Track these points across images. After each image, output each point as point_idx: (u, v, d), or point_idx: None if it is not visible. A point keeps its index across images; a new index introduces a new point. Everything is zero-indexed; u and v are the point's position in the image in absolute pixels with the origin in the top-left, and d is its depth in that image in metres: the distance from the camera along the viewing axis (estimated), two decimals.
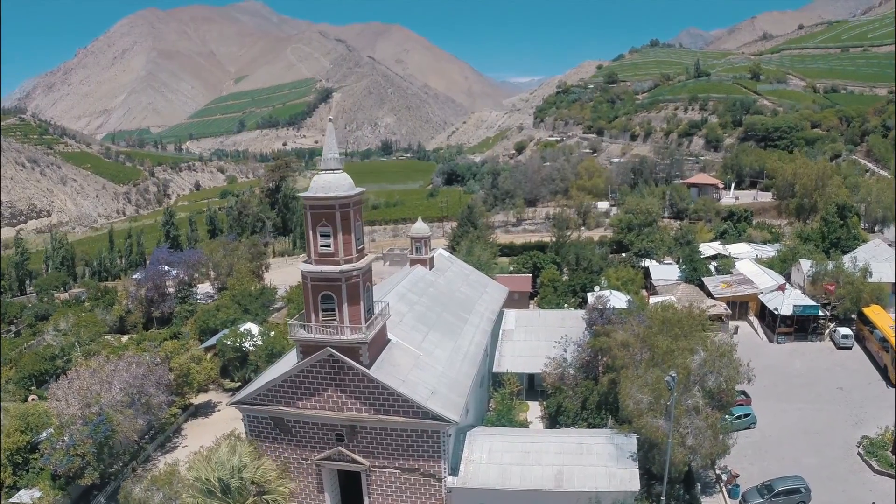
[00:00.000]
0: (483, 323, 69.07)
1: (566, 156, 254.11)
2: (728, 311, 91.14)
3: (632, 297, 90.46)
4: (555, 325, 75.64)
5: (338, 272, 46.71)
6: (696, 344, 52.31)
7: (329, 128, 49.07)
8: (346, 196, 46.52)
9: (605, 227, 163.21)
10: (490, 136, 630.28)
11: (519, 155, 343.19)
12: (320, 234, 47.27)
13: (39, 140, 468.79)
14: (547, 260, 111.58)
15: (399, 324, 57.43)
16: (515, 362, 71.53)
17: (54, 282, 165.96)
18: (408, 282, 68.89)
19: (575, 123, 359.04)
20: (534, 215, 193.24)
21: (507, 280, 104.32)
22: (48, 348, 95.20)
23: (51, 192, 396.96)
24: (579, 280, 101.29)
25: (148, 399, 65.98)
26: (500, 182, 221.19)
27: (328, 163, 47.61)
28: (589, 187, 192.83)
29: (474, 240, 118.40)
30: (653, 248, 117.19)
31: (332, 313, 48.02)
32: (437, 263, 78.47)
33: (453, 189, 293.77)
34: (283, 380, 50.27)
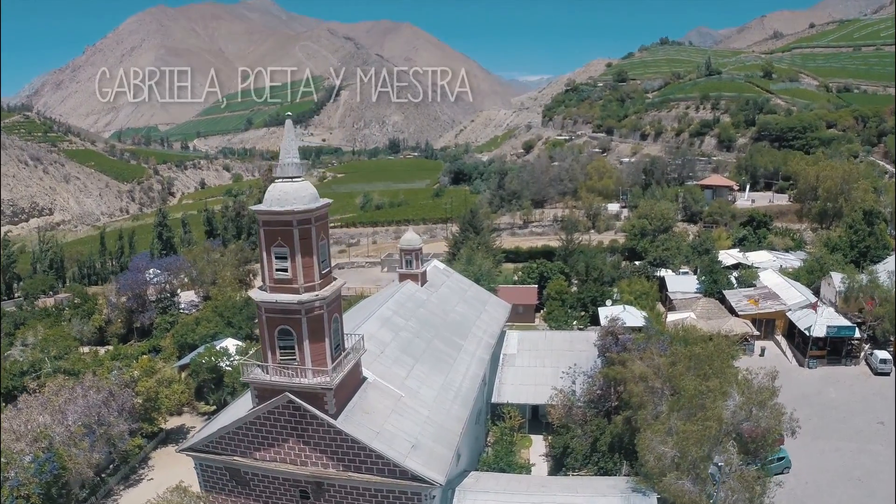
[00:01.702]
0: (480, 350, 60.34)
1: (575, 155, 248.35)
2: (754, 331, 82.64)
3: (647, 314, 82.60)
4: (562, 348, 67.47)
5: (296, 303, 38.60)
6: (729, 386, 44.04)
7: (288, 126, 40.56)
8: (306, 210, 38.41)
9: (615, 231, 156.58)
10: (498, 135, 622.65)
11: (527, 154, 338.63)
12: (275, 256, 39.24)
13: (44, 137, 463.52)
14: (554, 269, 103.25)
15: (379, 356, 49.26)
16: (518, 392, 63.25)
17: (41, 285, 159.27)
18: (394, 302, 60.24)
19: (584, 122, 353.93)
20: (541, 217, 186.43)
21: (512, 291, 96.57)
22: (15, 364, 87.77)
23: (53, 191, 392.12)
24: (589, 292, 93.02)
25: (107, 429, 59.43)
26: (506, 182, 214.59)
27: (285, 169, 39.46)
28: (599, 188, 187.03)
29: (475, 247, 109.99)
30: (668, 257, 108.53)
31: (291, 352, 40.00)
32: (430, 278, 69.58)
33: (460, 188, 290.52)
34: (238, 426, 42.21)
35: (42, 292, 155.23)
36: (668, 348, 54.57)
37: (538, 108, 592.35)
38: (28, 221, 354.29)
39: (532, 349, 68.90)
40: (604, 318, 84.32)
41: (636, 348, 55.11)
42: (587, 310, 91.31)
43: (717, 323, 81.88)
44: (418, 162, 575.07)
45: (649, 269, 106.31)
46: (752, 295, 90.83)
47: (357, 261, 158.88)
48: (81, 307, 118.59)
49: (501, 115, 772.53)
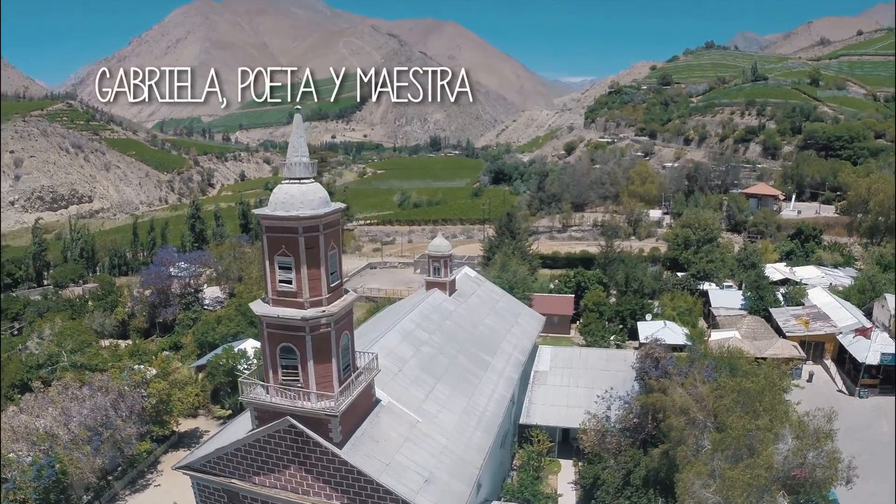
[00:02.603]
0: (509, 368, 55.74)
1: (617, 159, 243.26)
2: (802, 355, 77.32)
3: (689, 332, 77.77)
4: (598, 367, 62.84)
5: (299, 319, 34.63)
6: (781, 426, 39.36)
7: (296, 121, 36.33)
8: (313, 216, 34.36)
9: (656, 238, 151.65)
10: (540, 136, 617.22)
11: (568, 156, 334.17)
12: (279, 266, 35.36)
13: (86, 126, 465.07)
14: (592, 279, 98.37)
15: (397, 375, 45.09)
16: (548, 413, 58.67)
17: (70, 274, 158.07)
18: (418, 313, 55.78)
19: (627, 125, 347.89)
20: (581, 221, 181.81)
21: (547, 301, 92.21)
22: (30, 357, 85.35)
23: (93, 178, 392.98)
24: (628, 305, 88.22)
25: (113, 433, 56.36)
26: (547, 184, 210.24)
27: (292, 169, 35.45)
28: (641, 193, 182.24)
29: (511, 252, 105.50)
30: (713, 270, 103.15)
31: (294, 371, 36.09)
32: (460, 286, 65.15)
33: (499, 188, 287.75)
34: (236, 448, 38.40)
35: (71, 281, 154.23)
36: (712, 373, 50.00)
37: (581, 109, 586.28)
38: (67, 208, 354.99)
39: (565, 367, 64.29)
40: (643, 334, 79.83)
41: (678, 373, 50.54)
42: (625, 324, 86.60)
43: (763, 344, 76.79)
44: (459, 160, 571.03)
45: (692, 282, 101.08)
46: (800, 314, 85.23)
47: (390, 261, 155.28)
48: (105, 299, 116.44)
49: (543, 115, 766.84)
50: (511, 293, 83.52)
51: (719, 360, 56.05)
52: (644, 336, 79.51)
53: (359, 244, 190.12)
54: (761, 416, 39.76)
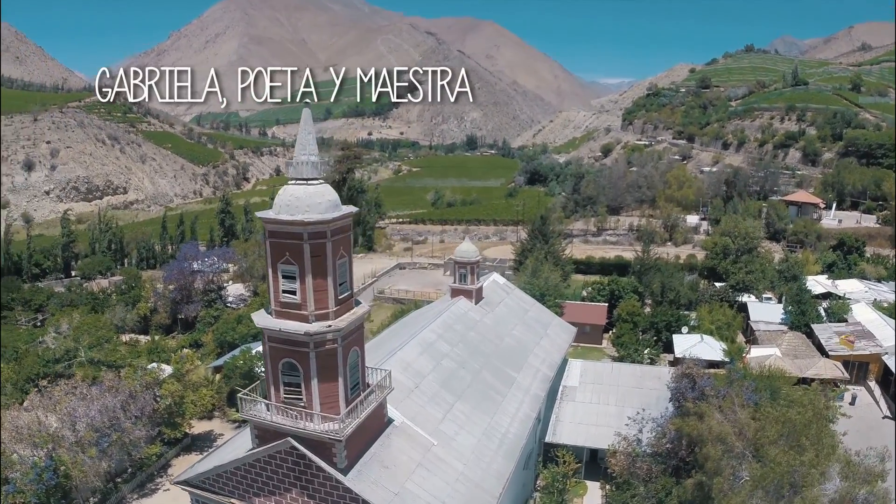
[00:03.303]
0: (536, 384, 52.18)
1: (654, 162, 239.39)
2: (845, 376, 72.95)
3: (727, 347, 73.91)
4: (630, 384, 59.20)
5: (303, 334, 31.56)
6: (828, 462, 35.70)
7: (305, 116, 32.97)
8: (320, 221, 31.21)
9: (693, 245, 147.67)
10: (576, 137, 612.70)
11: (605, 158, 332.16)
12: (282, 275, 32.26)
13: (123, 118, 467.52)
14: (627, 288, 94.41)
15: (414, 392, 41.84)
16: (576, 432, 54.94)
17: (97, 266, 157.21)
18: (441, 323, 52.30)
19: (664, 128, 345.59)
20: (616, 225, 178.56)
21: (579, 309, 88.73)
22: (47, 351, 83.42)
23: (129, 170, 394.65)
24: (664, 316, 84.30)
25: (120, 435, 53.95)
26: (582, 186, 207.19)
27: (299, 168, 32.36)
28: (678, 198, 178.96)
29: (543, 257, 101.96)
30: (752, 282, 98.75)
31: (297, 390, 33.07)
32: (487, 294, 61.59)
33: (534, 189, 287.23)
34: (236, 467, 35.44)
35: (98, 273, 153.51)
36: (752, 396, 46.39)
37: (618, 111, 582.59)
38: (102, 199, 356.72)
39: (596, 382, 60.60)
40: (679, 348, 76.12)
41: (715, 395, 46.94)
42: (660, 336, 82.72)
43: (804, 363, 72.61)
44: (494, 160, 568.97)
45: (731, 293, 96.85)
46: (844, 332, 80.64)
47: (420, 261, 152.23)
48: (128, 294, 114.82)
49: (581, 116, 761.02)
50: (542, 300, 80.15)
51: (759, 380, 52.34)
52: (680, 350, 75.88)
53: (390, 243, 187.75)
54: (807, 451, 36.16)
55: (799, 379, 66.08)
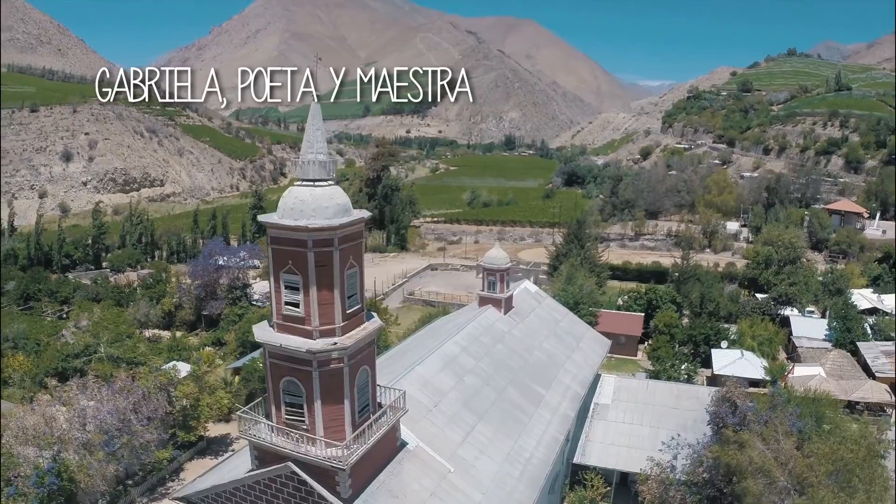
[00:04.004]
0: (566, 403, 48.53)
1: (694, 166, 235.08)
2: (892, 400, 68.54)
3: (768, 364, 70.06)
4: (666, 404, 55.45)
5: (305, 351, 28.59)
6: None
7: (313, 111, 30.07)
8: (326, 227, 28.21)
9: (732, 252, 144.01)
10: (615, 139, 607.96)
11: (643, 160, 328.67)
12: (285, 285, 29.35)
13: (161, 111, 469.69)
14: (665, 297, 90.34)
15: (432, 411, 38.63)
16: (606, 454, 51.32)
17: (126, 259, 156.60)
18: (466, 335, 48.82)
19: (705, 131, 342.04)
20: (654, 230, 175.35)
21: (615, 319, 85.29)
22: (66, 346, 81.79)
23: (166, 163, 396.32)
24: (702, 329, 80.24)
25: (130, 439, 51.95)
26: (620, 189, 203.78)
27: (305, 168, 29.34)
28: (717, 204, 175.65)
29: (578, 263, 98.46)
30: (795, 294, 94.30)
31: (299, 411, 30.14)
32: (517, 303, 57.99)
33: (571, 191, 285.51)
34: (235, 487, 32.61)
35: (128, 266, 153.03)
36: (796, 422, 42.80)
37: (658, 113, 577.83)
38: (139, 191, 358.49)
39: (630, 400, 56.87)
40: (718, 364, 72.37)
41: (757, 420, 43.40)
42: (698, 349, 78.76)
43: (850, 385, 68.32)
44: (532, 160, 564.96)
45: (773, 306, 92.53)
46: (891, 351, 76.18)
47: (452, 262, 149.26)
48: (153, 288, 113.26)
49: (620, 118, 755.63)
50: (576, 308, 76.88)
51: (804, 405, 48.65)
52: (718, 366, 72.12)
53: (424, 242, 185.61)
54: (857, 493, 32.73)
55: (847, 404, 62.17)
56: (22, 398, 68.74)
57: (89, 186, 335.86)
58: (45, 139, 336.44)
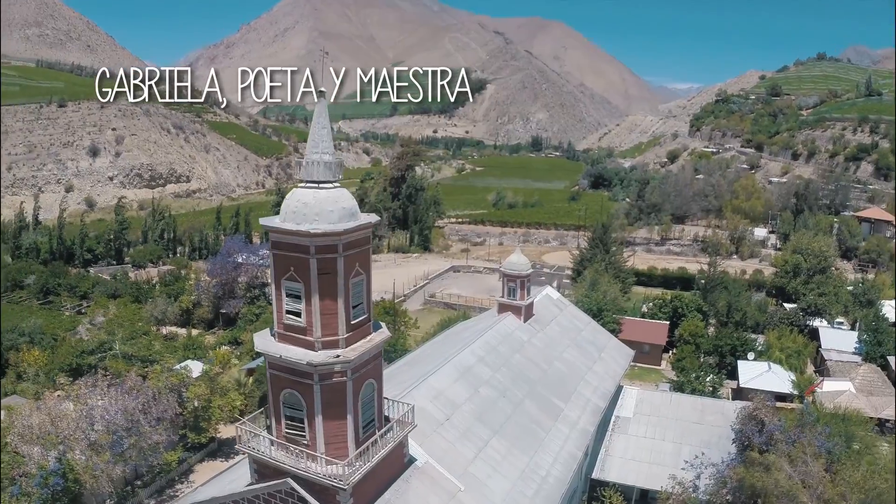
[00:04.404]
0: (585, 417, 46.51)
1: (722, 170, 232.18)
2: None
3: (796, 378, 67.75)
4: (690, 419, 53.24)
5: (305, 363, 26.93)
6: None
7: (319, 109, 28.21)
8: (330, 233, 26.55)
9: (759, 259, 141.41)
10: (643, 142, 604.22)
11: (671, 164, 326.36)
12: (286, 293, 27.74)
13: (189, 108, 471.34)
14: (691, 306, 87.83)
15: (443, 425, 36.84)
16: (626, 469, 49.16)
17: (148, 255, 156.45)
18: (483, 343, 46.95)
19: (733, 136, 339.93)
20: (681, 235, 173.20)
21: (639, 326, 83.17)
22: (80, 343, 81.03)
23: (192, 159, 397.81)
24: (728, 340, 77.77)
25: (137, 440, 50.76)
26: (647, 193, 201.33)
27: (310, 169, 27.87)
28: (745, 209, 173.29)
29: (602, 269, 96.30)
30: (825, 305, 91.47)
31: (300, 425, 28.52)
32: (538, 310, 56.00)
33: (598, 193, 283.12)
34: (234, 500, 31.04)
35: (149, 262, 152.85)
36: (825, 443, 40.74)
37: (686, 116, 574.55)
38: (165, 187, 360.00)
39: (652, 414, 54.67)
40: (744, 376, 70.10)
41: (785, 440, 41.37)
42: (724, 360, 76.36)
43: (880, 402, 65.71)
44: (559, 162, 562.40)
45: (801, 317, 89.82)
46: None
47: (475, 265, 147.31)
48: (171, 286, 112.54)
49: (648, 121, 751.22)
50: (599, 315, 75.07)
51: (833, 423, 46.57)
52: (745, 379, 69.89)
53: (447, 243, 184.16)
54: None
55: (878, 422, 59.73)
56: (35, 393, 68.11)
57: (115, 181, 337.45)
58: (73, 134, 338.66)
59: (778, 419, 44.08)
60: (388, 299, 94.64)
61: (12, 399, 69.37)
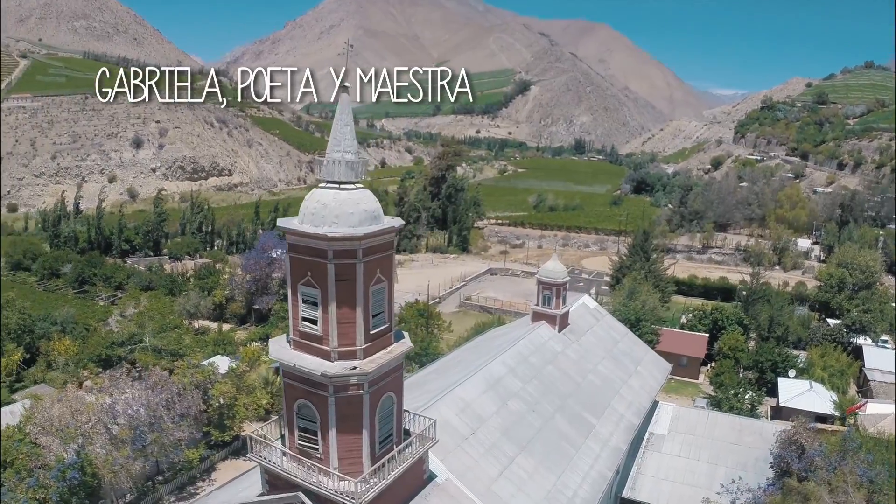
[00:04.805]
0: (618, 434, 44.18)
1: (766, 178, 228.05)
2: None
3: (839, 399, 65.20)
4: (727, 439, 50.80)
5: (319, 375, 25.37)
6: None
7: (342, 103, 26.27)
8: (349, 237, 24.96)
9: (802, 271, 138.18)
10: (686, 147, 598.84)
11: (714, 171, 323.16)
12: (302, 299, 26.30)
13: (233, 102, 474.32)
14: (732, 319, 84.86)
15: (468, 440, 35.01)
16: (658, 490, 47.05)
17: (185, 247, 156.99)
18: (514, 354, 44.85)
19: (777, 143, 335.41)
20: (723, 243, 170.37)
21: (677, 338, 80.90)
22: (110, 334, 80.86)
23: (235, 153, 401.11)
24: (769, 355, 74.96)
25: (159, 436, 50.44)
26: (689, 199, 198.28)
27: (331, 168, 26.27)
28: (789, 219, 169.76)
29: (642, 277, 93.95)
30: (869, 323, 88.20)
31: (313, 438, 27.03)
32: (573, 320, 53.59)
33: (640, 198, 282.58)
34: None
35: (186, 254, 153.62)
36: (867, 471, 38.62)
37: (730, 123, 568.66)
38: (206, 179, 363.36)
39: (688, 433, 52.31)
40: (784, 394, 67.60)
41: (825, 467, 39.29)
42: (764, 376, 73.71)
43: None
44: (601, 165, 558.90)
45: (845, 334, 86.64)
46: None
47: (513, 268, 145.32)
48: (205, 279, 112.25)
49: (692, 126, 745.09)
50: (637, 325, 73.05)
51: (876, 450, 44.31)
52: (785, 398, 67.33)
53: (486, 244, 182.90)
54: None
55: None
56: (63, 382, 67.89)
57: (158, 173, 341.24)
58: (117, 125, 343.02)
59: (819, 444, 42.01)
60: (422, 300, 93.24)
61: (39, 388, 69.61)
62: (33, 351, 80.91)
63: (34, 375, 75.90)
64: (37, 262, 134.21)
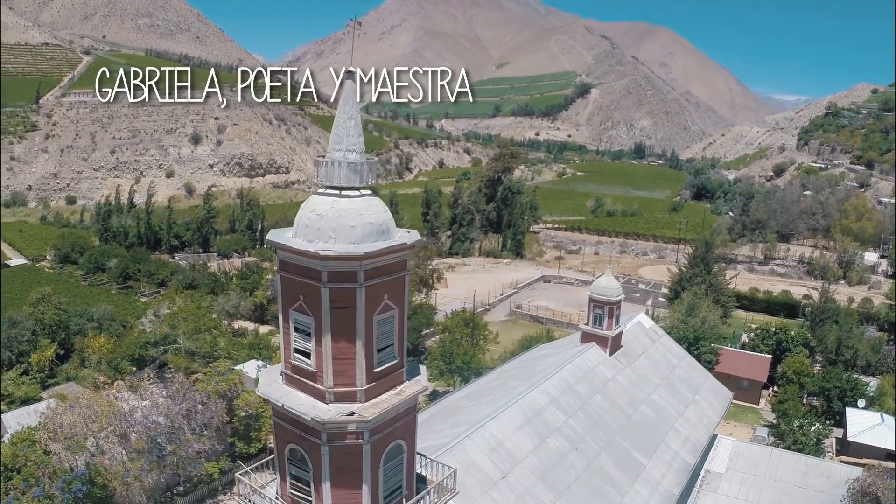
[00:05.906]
0: (671, 476, 38.60)
1: (831, 187, 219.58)
2: None
3: None
4: (790, 481, 45.14)
5: (310, 419, 21.17)
6: None
7: (348, 91, 22.59)
8: (346, 256, 20.66)
9: (868, 286, 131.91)
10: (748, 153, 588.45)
11: (777, 178, 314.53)
12: (294, 326, 22.14)
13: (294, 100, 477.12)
14: (797, 340, 78.29)
15: (497, 484, 30.05)
16: None
17: (234, 245, 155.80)
18: (558, 381, 39.55)
19: (842, 151, 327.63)
20: (786, 254, 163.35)
21: (738, 359, 75.45)
22: (142, 335, 78.55)
23: (293, 151, 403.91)
24: (836, 382, 68.50)
25: (176, 448, 47.93)
26: (751, 207, 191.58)
27: (331, 170, 21.99)
28: (855, 231, 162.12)
29: (702, 292, 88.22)
30: None
31: (306, 488, 22.89)
32: (627, 341, 47.80)
33: (700, 205, 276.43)
34: None
35: (235, 252, 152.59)
36: None
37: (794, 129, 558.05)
38: (264, 176, 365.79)
39: (747, 471, 46.76)
40: (853, 427, 61.75)
41: None
42: (831, 405, 67.53)
43: None
44: (661, 170, 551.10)
45: None
46: None
47: (567, 276, 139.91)
48: (247, 279, 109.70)
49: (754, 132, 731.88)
50: (696, 344, 67.64)
51: None
52: (853, 431, 61.18)
53: (542, 249, 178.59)
54: None
55: None
56: (93, 381, 65.80)
57: (216, 169, 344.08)
58: (176, 121, 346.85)
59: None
60: (468, 309, 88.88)
61: (68, 386, 68.12)
62: (68, 347, 79.56)
63: (67, 372, 74.58)
64: (84, 256, 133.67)
